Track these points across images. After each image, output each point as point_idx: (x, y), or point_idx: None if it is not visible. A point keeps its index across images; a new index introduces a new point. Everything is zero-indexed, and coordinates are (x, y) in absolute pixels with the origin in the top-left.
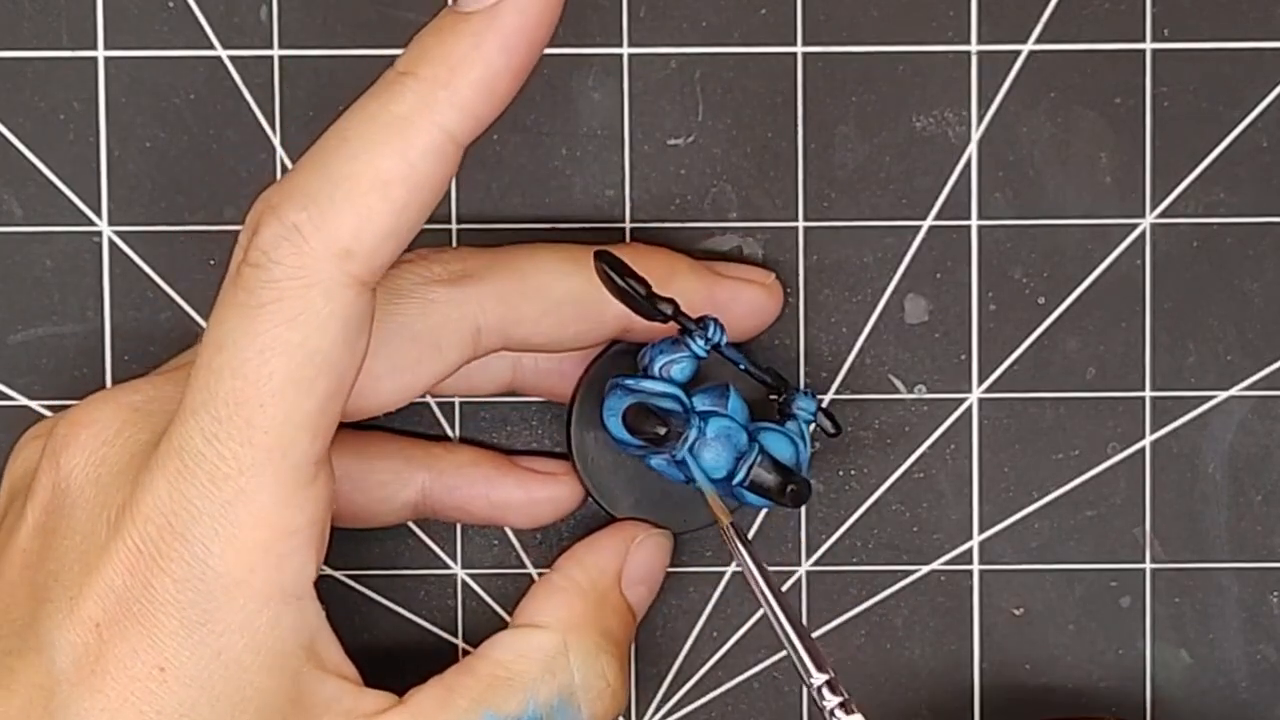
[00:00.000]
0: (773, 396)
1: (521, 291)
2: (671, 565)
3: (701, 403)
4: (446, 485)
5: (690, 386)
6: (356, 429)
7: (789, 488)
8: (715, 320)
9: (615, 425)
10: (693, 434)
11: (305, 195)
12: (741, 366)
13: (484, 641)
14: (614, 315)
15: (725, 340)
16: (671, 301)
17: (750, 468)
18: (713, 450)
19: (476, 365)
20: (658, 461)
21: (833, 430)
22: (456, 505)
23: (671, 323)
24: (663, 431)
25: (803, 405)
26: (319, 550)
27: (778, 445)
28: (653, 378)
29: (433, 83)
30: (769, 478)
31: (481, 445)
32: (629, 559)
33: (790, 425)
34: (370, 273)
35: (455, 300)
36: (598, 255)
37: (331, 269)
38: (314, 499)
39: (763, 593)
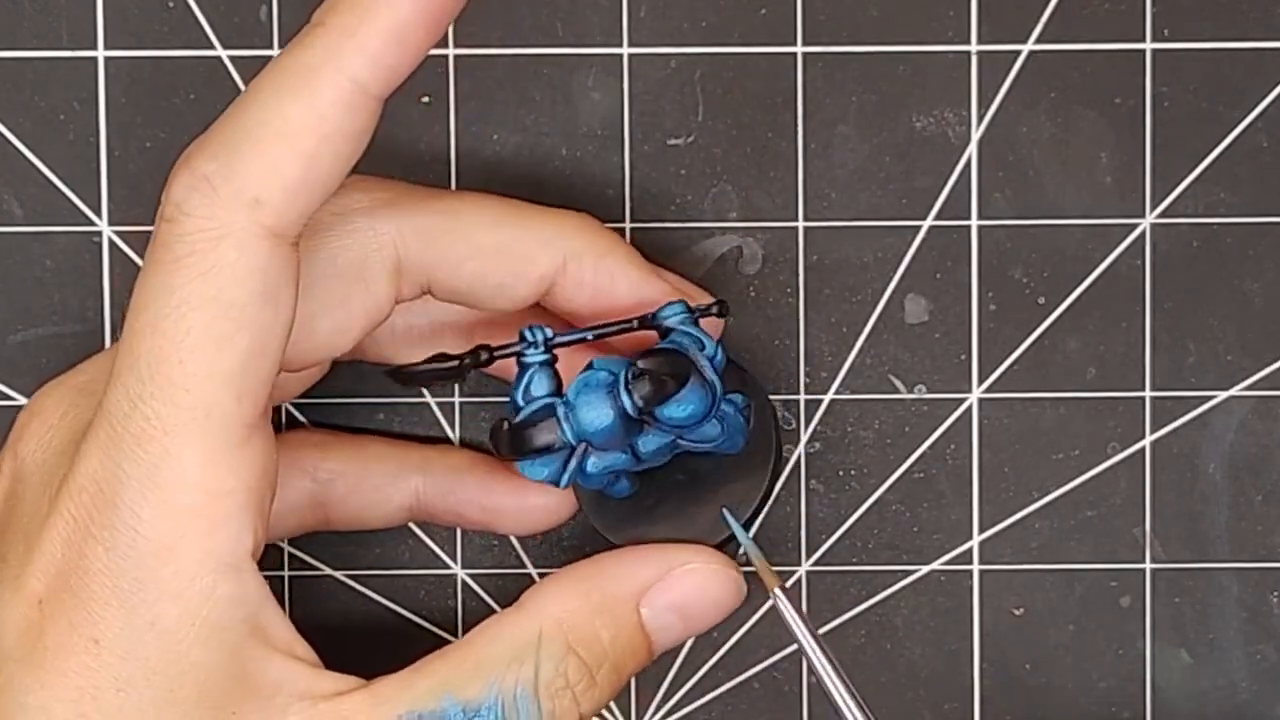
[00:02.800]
0: (647, 329)
1: (448, 228)
2: None
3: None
4: (441, 489)
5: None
6: (352, 432)
7: (668, 379)
8: (528, 325)
9: (531, 470)
10: (559, 409)
11: (216, 146)
12: (591, 337)
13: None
14: (539, 275)
15: (551, 333)
16: (475, 351)
17: (627, 390)
18: (585, 405)
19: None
20: (648, 444)
21: (716, 309)
22: (450, 509)
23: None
24: (545, 436)
25: (668, 313)
26: (257, 521)
27: (664, 359)
28: (520, 408)
29: (340, 32)
30: (646, 386)
31: (479, 449)
32: (665, 580)
33: (673, 338)
34: (284, 224)
35: (374, 229)
36: (390, 373)
37: (242, 219)
38: (246, 462)
39: (823, 666)
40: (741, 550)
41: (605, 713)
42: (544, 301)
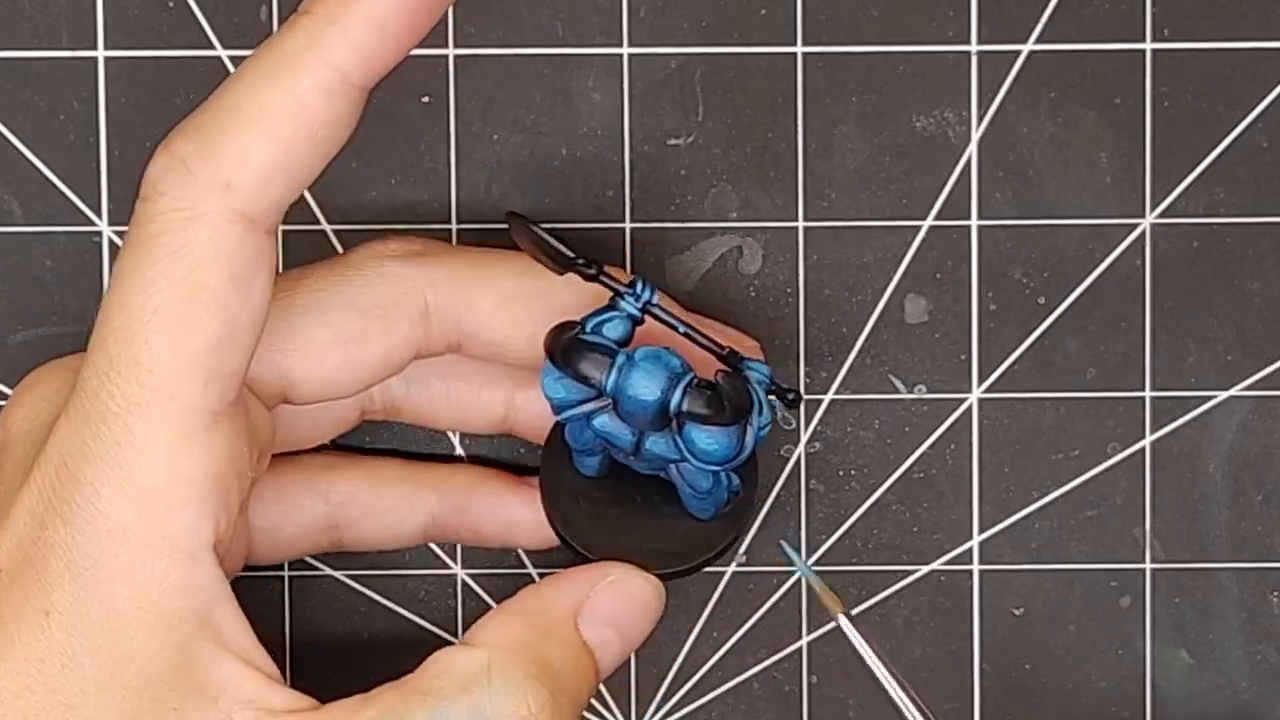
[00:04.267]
0: (720, 366)
1: (475, 277)
2: None
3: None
4: (456, 507)
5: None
6: (365, 454)
7: (727, 407)
8: (643, 279)
9: (551, 385)
10: (619, 358)
11: (195, 129)
12: (681, 330)
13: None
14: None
15: (656, 299)
16: (596, 261)
17: (685, 390)
18: (643, 372)
19: (468, 395)
20: (655, 446)
21: (791, 396)
22: (467, 526)
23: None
24: (592, 369)
25: (754, 367)
26: (219, 511)
27: (734, 390)
28: (587, 335)
29: (323, 19)
30: (703, 399)
31: (486, 460)
32: (592, 596)
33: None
34: (256, 210)
35: (405, 275)
36: (510, 214)
37: (214, 201)
38: (209, 449)
39: (893, 688)
40: (797, 577)
41: (605, 712)
42: None
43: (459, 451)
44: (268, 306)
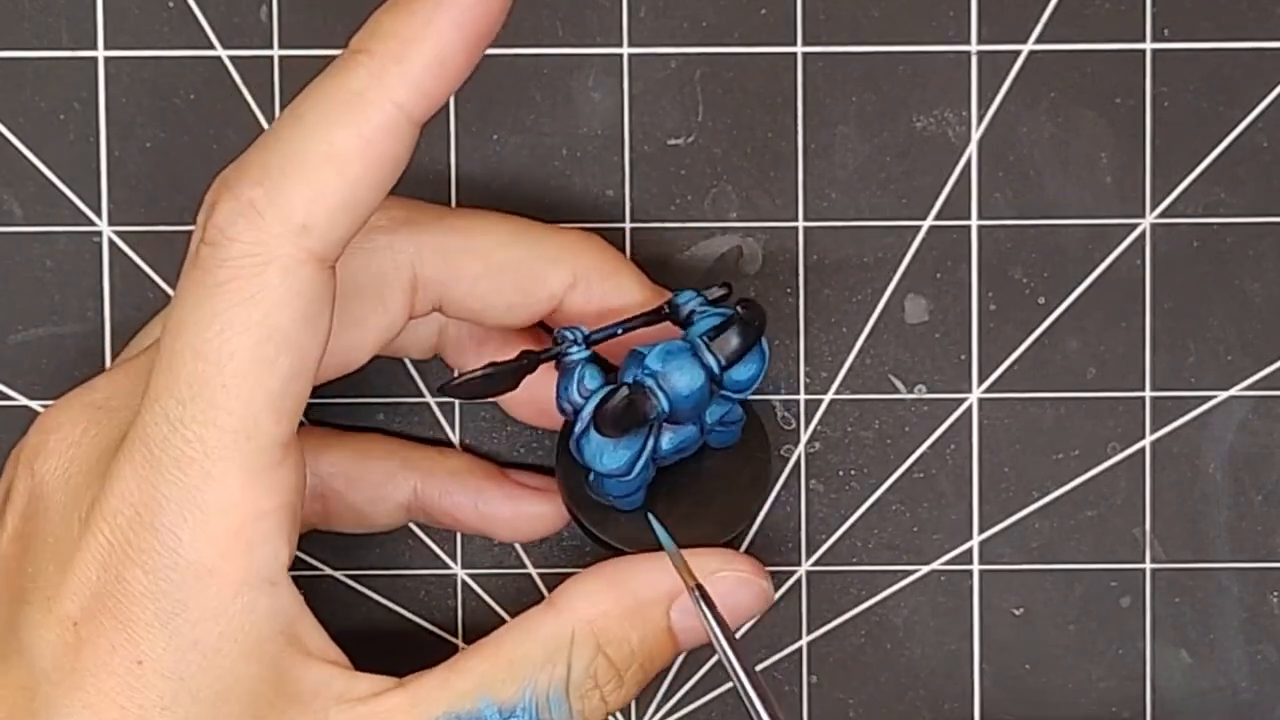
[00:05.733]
0: (672, 319)
1: (464, 248)
2: None
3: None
4: (438, 491)
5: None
6: (353, 430)
7: (743, 322)
8: (564, 329)
9: (612, 456)
10: (648, 381)
11: (260, 171)
12: (621, 331)
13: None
14: (549, 293)
15: (586, 330)
16: (522, 355)
17: (708, 347)
18: (674, 368)
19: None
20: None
21: (725, 291)
22: (446, 512)
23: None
24: (647, 407)
25: (684, 298)
26: (291, 535)
27: (702, 324)
28: (576, 402)
29: (385, 58)
30: (734, 340)
31: (478, 452)
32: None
33: (701, 320)
34: (327, 248)
35: (394, 247)
36: (441, 388)
37: (288, 245)
38: (282, 482)
39: (731, 664)
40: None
41: None
42: (548, 319)
43: (453, 435)
44: (329, 334)
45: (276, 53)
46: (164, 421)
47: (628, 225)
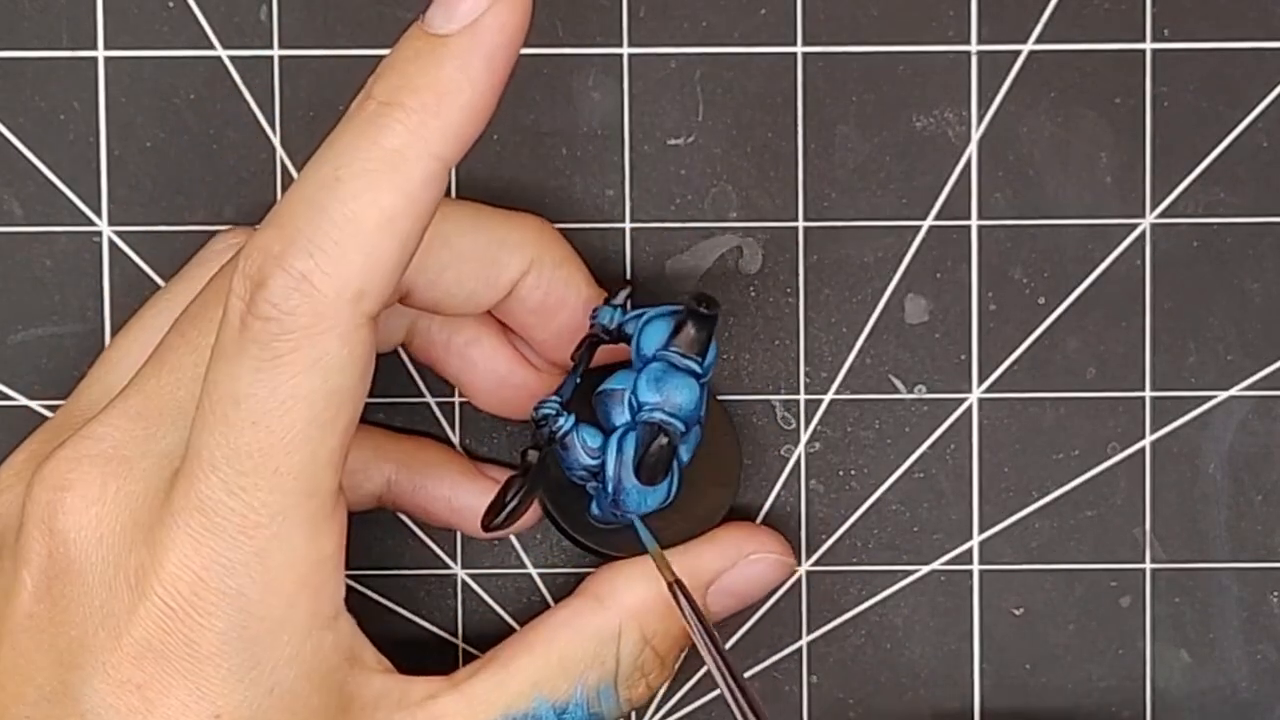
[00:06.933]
0: (603, 344)
1: (430, 235)
2: None
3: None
4: (412, 482)
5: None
6: None
7: (694, 312)
8: (540, 405)
9: (638, 496)
10: (657, 415)
11: (309, 242)
12: (579, 379)
13: (544, 611)
14: (508, 280)
15: (556, 397)
16: (525, 466)
17: (686, 355)
18: (674, 388)
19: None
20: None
21: (630, 289)
22: (418, 505)
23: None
24: (673, 442)
25: (605, 312)
26: (343, 567)
27: (654, 333)
28: (591, 465)
29: (423, 113)
30: (694, 332)
31: (478, 454)
32: (735, 570)
33: (644, 321)
34: (379, 307)
35: None
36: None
37: (347, 313)
38: (339, 524)
39: (712, 655)
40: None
41: None
42: (497, 309)
43: (453, 434)
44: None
45: (276, 53)
46: (222, 489)
47: (628, 225)
